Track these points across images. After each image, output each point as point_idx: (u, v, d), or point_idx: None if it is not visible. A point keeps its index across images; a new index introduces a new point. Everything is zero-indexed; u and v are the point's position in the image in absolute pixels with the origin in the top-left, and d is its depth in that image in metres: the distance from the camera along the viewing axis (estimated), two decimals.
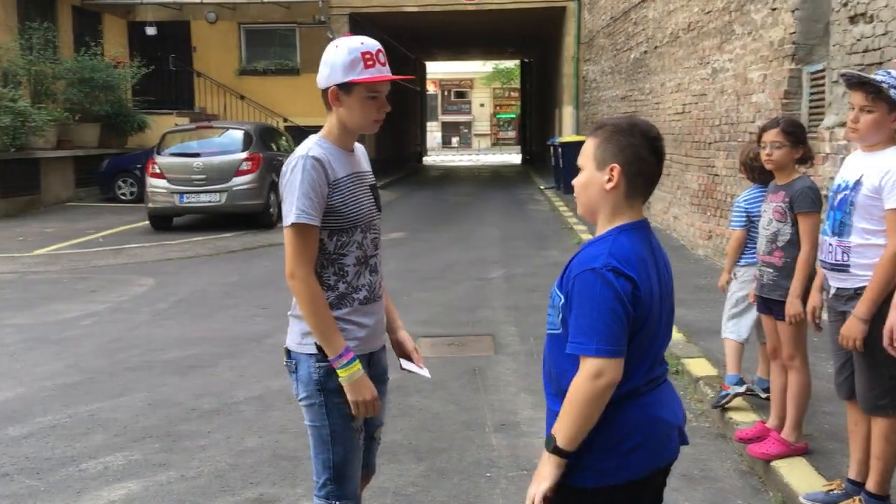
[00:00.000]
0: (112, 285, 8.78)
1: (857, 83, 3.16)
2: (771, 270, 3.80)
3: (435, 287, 8.46)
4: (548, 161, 22.48)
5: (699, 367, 5.25)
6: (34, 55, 15.41)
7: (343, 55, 2.36)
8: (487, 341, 6.40)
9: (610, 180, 1.93)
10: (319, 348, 2.41)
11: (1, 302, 8.02)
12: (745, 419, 4.33)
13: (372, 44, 2.41)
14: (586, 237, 11.08)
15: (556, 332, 1.95)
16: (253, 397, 5.12)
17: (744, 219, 4.35)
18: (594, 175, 1.97)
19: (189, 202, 12.34)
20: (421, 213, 15.61)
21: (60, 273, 9.55)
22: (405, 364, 2.73)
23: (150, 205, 12.51)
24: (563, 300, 1.92)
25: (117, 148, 17.83)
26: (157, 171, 12.39)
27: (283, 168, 2.41)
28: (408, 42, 28.15)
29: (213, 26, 20.96)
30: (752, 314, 4.35)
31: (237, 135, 12.87)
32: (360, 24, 21.24)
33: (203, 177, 12.26)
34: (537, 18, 22.42)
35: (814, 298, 3.53)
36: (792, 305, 3.64)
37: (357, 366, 2.39)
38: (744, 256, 4.40)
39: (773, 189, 3.85)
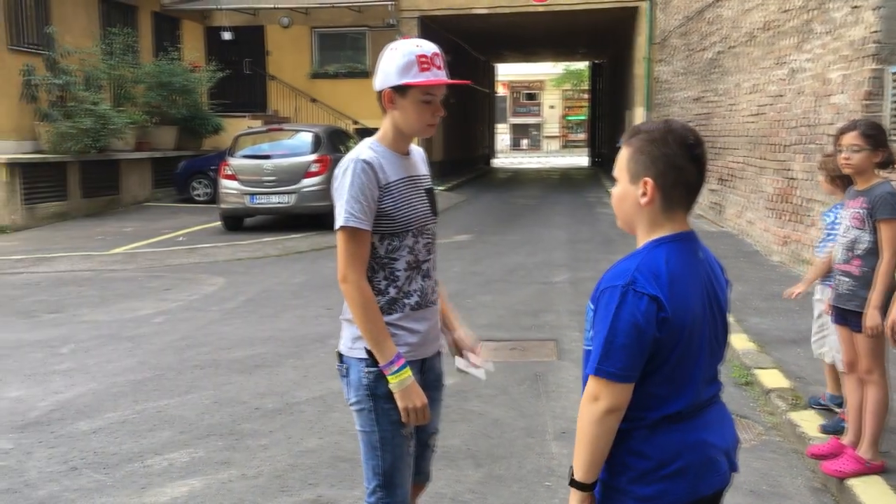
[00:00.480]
0: (184, 284, 9.00)
1: None
2: (848, 280, 3.62)
3: (499, 290, 8.40)
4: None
5: (771, 378, 5.05)
6: (115, 60, 15.95)
7: (398, 58, 2.33)
8: (551, 346, 6.32)
9: (644, 194, 1.81)
10: (370, 353, 2.39)
11: (79, 299, 8.30)
12: (818, 434, 4.15)
13: (429, 47, 2.38)
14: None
15: (588, 347, 1.84)
16: (315, 398, 5.16)
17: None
18: (628, 188, 1.85)
19: (259, 203, 12.57)
20: (487, 216, 15.56)
21: (136, 271, 9.85)
22: (459, 364, 2.69)
23: (223, 205, 12.80)
24: (593, 314, 1.83)
25: (193, 150, 18.33)
26: (230, 172, 12.67)
27: (335, 171, 2.40)
28: (478, 44, 28.15)
29: (286, 31, 21.36)
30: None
31: (307, 137, 13.05)
32: (429, 26, 21.32)
33: (273, 178, 12.48)
34: (608, 19, 22.12)
35: (894, 312, 3.35)
36: (871, 317, 3.46)
37: (407, 372, 2.37)
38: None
39: (852, 195, 3.66)
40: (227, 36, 19.96)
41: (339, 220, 2.34)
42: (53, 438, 4.53)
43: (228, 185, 12.65)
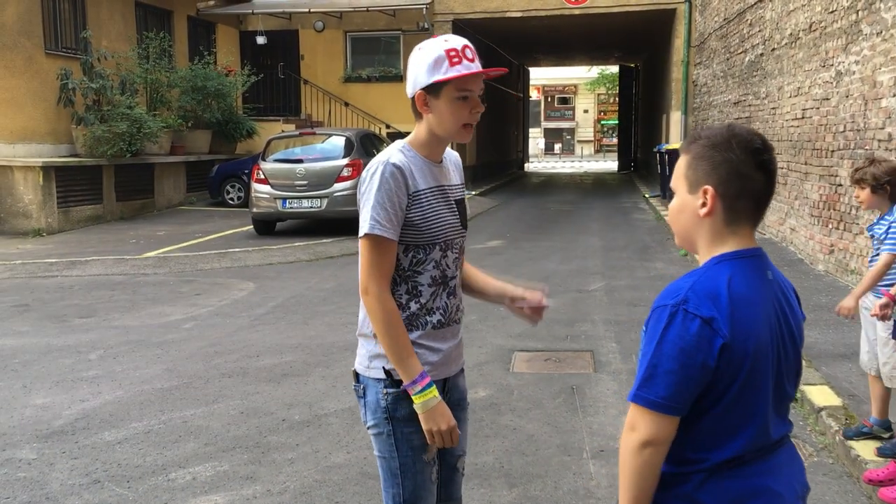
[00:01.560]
0: (215, 289, 8.94)
1: None
2: None
3: None
4: (653, 168, 21.81)
5: (821, 395, 4.79)
6: (150, 64, 16.04)
7: (426, 57, 2.16)
8: (587, 358, 6.11)
9: (704, 205, 1.61)
10: (388, 373, 2.22)
11: (110, 303, 8.27)
12: (875, 458, 3.90)
13: (457, 40, 2.20)
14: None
15: None
16: (343, 409, 5.01)
17: None
18: (687, 199, 1.65)
19: (291, 207, 12.51)
20: (520, 221, 15.35)
21: (167, 276, 9.81)
22: (526, 311, 2.45)
23: (255, 210, 12.76)
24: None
25: (227, 154, 18.37)
26: (262, 176, 12.63)
27: (363, 174, 2.22)
28: (511, 48, 27.94)
29: (319, 34, 21.37)
30: None
31: (339, 141, 12.97)
32: (463, 30, 21.16)
33: (305, 182, 12.40)
34: (645, 21, 21.78)
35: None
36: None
37: (433, 392, 2.18)
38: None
39: None
40: (261, 40, 20.00)
41: (364, 226, 2.16)
42: (77, 449, 4.44)
43: (260, 190, 12.60)
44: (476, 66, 2.18)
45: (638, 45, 27.62)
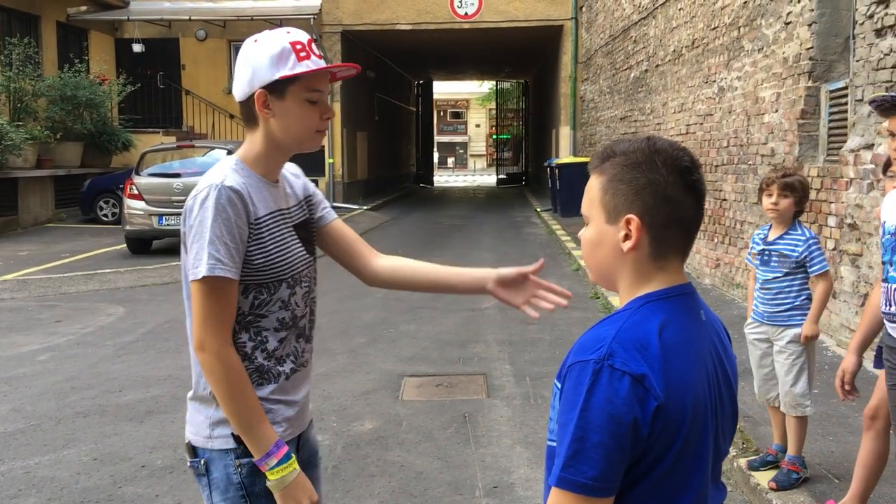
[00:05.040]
0: (78, 314, 8.19)
1: (892, 107, 2.62)
2: None
3: (423, 318, 7.89)
4: (544, 182, 22.00)
5: None
6: (13, 72, 14.90)
7: (267, 49, 1.79)
8: (479, 382, 5.83)
9: (627, 237, 1.31)
10: (239, 439, 1.82)
11: None
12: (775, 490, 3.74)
13: (301, 33, 1.84)
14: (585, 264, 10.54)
15: (552, 442, 1.29)
16: None
17: None
18: (604, 230, 1.35)
19: (169, 224, 11.75)
20: (413, 237, 15.06)
21: (26, 300, 8.96)
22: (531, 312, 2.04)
23: (128, 227, 11.94)
24: (559, 396, 1.29)
25: (101, 167, 17.29)
26: (136, 191, 11.84)
27: (188, 202, 1.81)
28: (403, 62, 27.76)
29: (202, 44, 20.53)
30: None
31: (220, 154, 12.29)
32: (352, 42, 20.80)
33: (184, 198, 11.61)
34: (533, 37, 22.01)
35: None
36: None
37: (293, 465, 1.80)
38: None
39: None
40: (137, 48, 18.96)
41: (201, 268, 1.75)
42: None
43: (134, 206, 11.80)
44: (324, 63, 1.83)
45: (527, 60, 27.97)
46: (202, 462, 1.87)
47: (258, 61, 1.79)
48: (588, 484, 1.20)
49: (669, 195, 1.29)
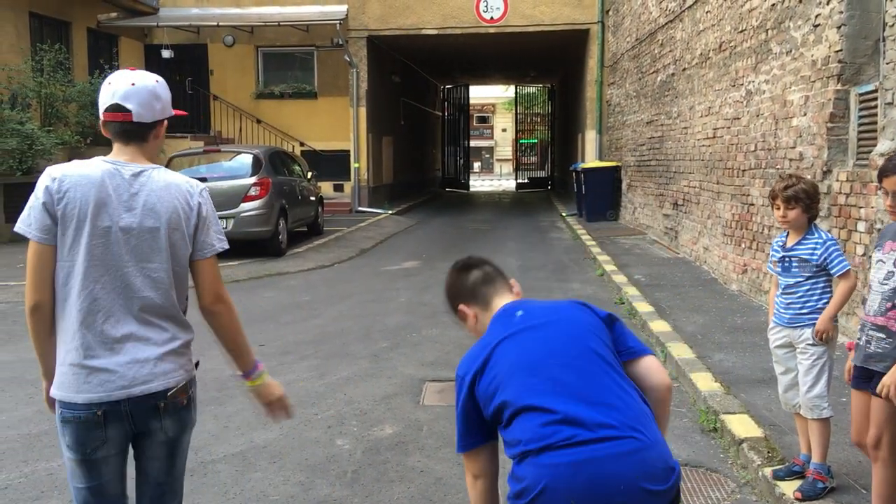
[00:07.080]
0: None
1: None
2: (883, 336, 3.00)
3: (446, 322, 7.86)
4: (570, 187, 21.90)
5: (741, 425, 4.56)
6: (45, 77, 15.13)
7: (167, 90, 2.53)
8: None
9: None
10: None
11: None
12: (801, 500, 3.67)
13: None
14: (609, 268, 10.45)
15: None
16: (233, 454, 4.54)
17: None
18: None
19: None
20: (437, 241, 15.05)
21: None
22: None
23: None
24: None
25: None
26: None
27: (203, 194, 2.55)
28: (429, 67, 27.79)
29: (230, 49, 20.70)
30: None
31: (246, 159, 12.42)
32: (378, 46, 20.88)
33: None
34: (560, 41, 21.93)
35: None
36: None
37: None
38: None
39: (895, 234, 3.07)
40: (166, 54, 19.20)
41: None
42: None
43: None
44: None
45: (553, 64, 27.88)
46: (193, 390, 2.62)
47: (168, 97, 2.53)
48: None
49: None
